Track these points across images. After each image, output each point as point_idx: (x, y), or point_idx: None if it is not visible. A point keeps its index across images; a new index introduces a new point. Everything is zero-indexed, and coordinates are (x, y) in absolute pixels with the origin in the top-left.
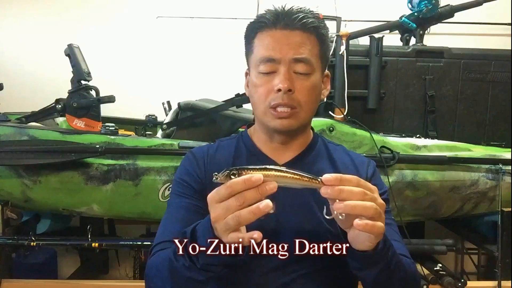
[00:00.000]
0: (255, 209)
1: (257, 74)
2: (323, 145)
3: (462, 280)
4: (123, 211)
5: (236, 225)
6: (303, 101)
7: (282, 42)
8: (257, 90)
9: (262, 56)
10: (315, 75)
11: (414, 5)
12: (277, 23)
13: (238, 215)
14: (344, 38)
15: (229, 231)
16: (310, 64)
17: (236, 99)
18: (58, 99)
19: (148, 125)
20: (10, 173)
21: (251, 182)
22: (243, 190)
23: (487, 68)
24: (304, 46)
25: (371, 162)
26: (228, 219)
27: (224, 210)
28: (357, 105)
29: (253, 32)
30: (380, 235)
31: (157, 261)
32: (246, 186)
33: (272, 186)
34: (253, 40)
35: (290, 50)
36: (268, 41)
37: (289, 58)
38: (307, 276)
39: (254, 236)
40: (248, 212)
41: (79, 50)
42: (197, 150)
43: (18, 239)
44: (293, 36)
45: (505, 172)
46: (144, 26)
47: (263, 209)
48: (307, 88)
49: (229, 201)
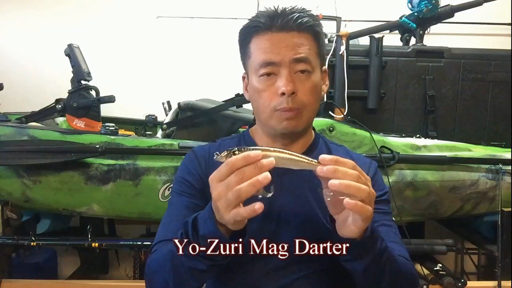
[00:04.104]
0: (255, 181)
1: (258, 79)
2: (324, 145)
3: (462, 280)
4: (123, 211)
5: (236, 199)
6: (307, 102)
7: (280, 45)
8: (260, 95)
9: (261, 60)
10: (315, 74)
11: (414, 5)
12: (272, 25)
13: (238, 188)
14: (344, 38)
15: (230, 208)
16: (310, 63)
17: (236, 99)
18: (58, 99)
19: (148, 125)
20: (10, 173)
21: (250, 158)
22: (242, 166)
23: (487, 68)
24: (302, 46)
25: (373, 163)
26: (229, 194)
27: (225, 187)
28: (357, 105)
29: (248, 36)
30: (368, 219)
31: (158, 256)
32: (245, 162)
33: (269, 162)
34: (249, 45)
35: (289, 51)
36: (266, 45)
37: (289, 59)
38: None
39: (256, 207)
40: (248, 185)
41: (79, 50)
42: (198, 148)
43: (18, 239)
44: (290, 38)
45: (505, 172)
46: (144, 26)
47: (262, 180)
48: (309, 88)
49: (229, 178)
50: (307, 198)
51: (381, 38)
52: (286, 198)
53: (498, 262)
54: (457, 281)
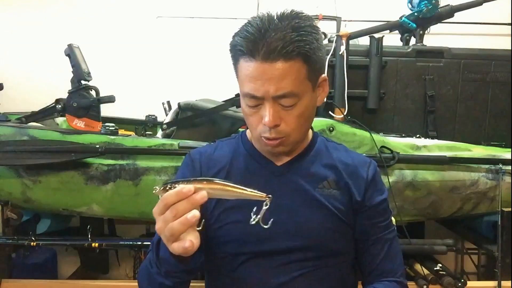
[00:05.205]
0: (183, 219)
1: (245, 105)
2: (323, 145)
3: (462, 280)
4: (123, 211)
5: (171, 236)
6: (292, 130)
7: (263, 77)
8: (247, 118)
9: (245, 91)
10: (303, 100)
11: (414, 5)
12: (256, 53)
13: (171, 226)
14: (344, 38)
15: (170, 242)
16: (295, 95)
17: (236, 99)
18: (58, 99)
19: (148, 125)
20: (10, 173)
21: (182, 194)
22: (176, 202)
23: (487, 68)
24: (286, 79)
25: (373, 163)
26: (165, 230)
27: (163, 222)
28: (357, 105)
29: (235, 56)
30: None
31: (142, 266)
32: (178, 198)
33: (201, 196)
34: (237, 65)
35: (271, 86)
36: (251, 74)
37: (271, 94)
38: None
39: (186, 245)
40: (178, 223)
41: (79, 50)
42: (193, 151)
43: (18, 239)
44: (274, 70)
45: (505, 172)
46: (144, 26)
47: (190, 219)
48: (294, 117)
49: (166, 213)
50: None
51: (381, 38)
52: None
53: (498, 262)
54: (457, 281)
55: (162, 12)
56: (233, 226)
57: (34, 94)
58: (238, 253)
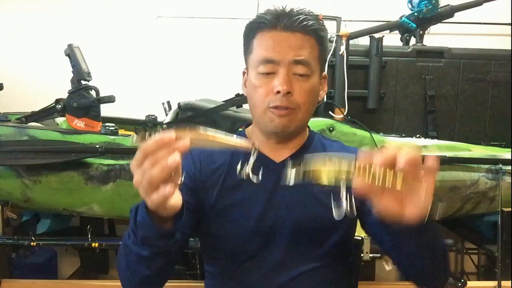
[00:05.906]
0: (163, 164)
1: (256, 75)
2: (319, 142)
3: (462, 280)
4: (123, 211)
5: (149, 185)
6: (302, 103)
7: (282, 44)
8: (256, 91)
9: (261, 57)
10: (314, 77)
11: (414, 5)
12: (277, 24)
13: (149, 174)
14: (344, 38)
15: (148, 194)
16: (309, 66)
17: (236, 99)
18: (58, 99)
19: (148, 125)
20: (10, 173)
21: (163, 142)
22: (156, 151)
23: (487, 68)
24: (304, 49)
25: None
26: (143, 181)
27: (141, 173)
28: (357, 105)
29: (252, 32)
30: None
31: (120, 246)
32: (157, 146)
33: (183, 144)
34: (253, 40)
35: (290, 52)
36: (268, 42)
37: (289, 59)
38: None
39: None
40: (157, 169)
41: (79, 50)
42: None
43: (18, 239)
44: (293, 38)
45: (505, 172)
46: (144, 26)
47: (170, 164)
48: (305, 90)
49: (144, 163)
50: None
51: (381, 38)
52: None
53: (498, 262)
54: (457, 281)
55: (162, 12)
56: (234, 224)
57: (34, 94)
58: (238, 252)
